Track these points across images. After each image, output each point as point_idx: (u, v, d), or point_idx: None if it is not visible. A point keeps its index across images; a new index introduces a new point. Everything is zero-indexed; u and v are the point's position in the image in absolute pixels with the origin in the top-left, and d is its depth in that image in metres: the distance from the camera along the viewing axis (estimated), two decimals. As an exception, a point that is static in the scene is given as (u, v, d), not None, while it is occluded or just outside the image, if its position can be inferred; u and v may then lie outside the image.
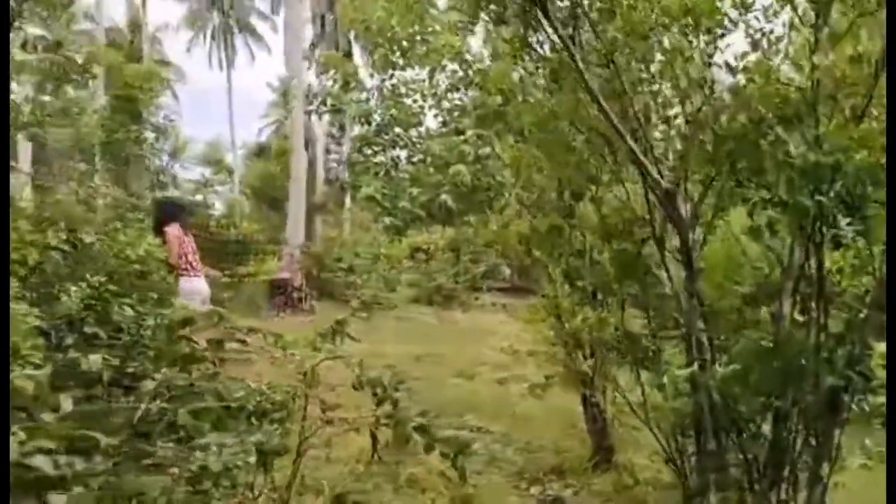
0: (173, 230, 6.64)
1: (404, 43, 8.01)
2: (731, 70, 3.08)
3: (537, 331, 6.72)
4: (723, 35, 3.35)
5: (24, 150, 20.57)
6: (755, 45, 3.13)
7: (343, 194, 34.32)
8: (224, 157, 44.95)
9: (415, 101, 22.13)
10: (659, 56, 3.52)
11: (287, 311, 13.24)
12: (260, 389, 6.67)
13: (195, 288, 6.70)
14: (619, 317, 4.05)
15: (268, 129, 44.25)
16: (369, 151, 24.14)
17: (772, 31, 3.22)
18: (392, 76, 21.16)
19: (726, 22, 3.30)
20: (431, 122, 24.33)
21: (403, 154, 24.41)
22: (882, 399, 2.93)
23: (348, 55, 31.21)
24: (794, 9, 3.11)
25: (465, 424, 7.92)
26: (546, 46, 4.18)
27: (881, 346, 2.88)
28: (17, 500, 1.90)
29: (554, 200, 5.96)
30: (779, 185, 2.93)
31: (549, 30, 3.76)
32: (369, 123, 25.64)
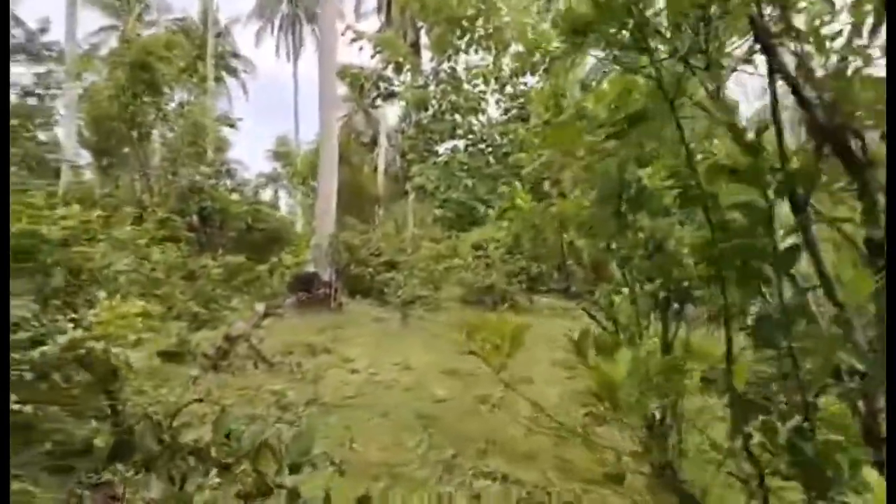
0: None
1: (464, 22, 6.66)
2: None
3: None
4: None
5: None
6: None
7: (403, 186, 33.07)
8: (291, 151, 44.82)
9: (475, 86, 19.97)
10: None
11: (310, 308, 11.68)
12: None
13: None
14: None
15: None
16: (425, 139, 22.56)
17: None
18: (451, 58, 19.10)
19: None
20: (493, 110, 22.10)
21: (461, 143, 22.67)
22: None
23: (415, 45, 29.78)
24: None
25: (487, 470, 6.10)
26: None
27: None
28: None
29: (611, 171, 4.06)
30: None
31: None
32: (426, 110, 23.97)
